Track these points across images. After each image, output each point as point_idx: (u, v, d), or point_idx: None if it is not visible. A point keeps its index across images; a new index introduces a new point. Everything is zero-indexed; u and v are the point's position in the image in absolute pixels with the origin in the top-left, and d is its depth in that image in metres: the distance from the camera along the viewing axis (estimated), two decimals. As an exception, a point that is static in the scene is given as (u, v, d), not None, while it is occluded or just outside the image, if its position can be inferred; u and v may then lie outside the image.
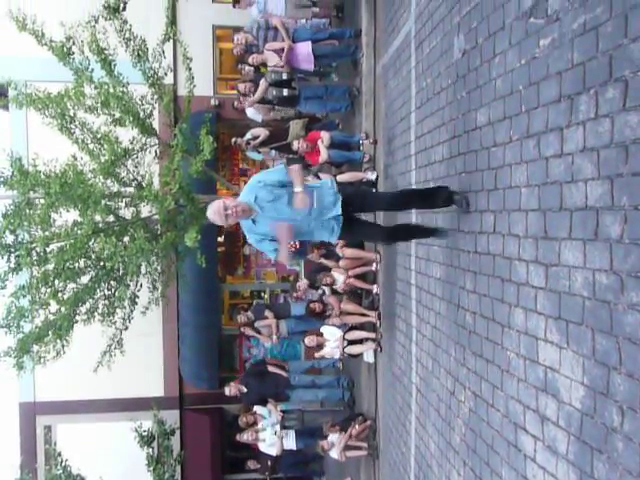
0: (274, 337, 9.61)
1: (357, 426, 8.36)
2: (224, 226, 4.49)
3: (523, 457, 3.51)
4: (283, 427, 9.01)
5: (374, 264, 8.29)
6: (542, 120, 3.29)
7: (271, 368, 9.04)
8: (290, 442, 8.84)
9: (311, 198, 4.30)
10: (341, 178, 8.08)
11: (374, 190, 6.93)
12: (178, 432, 12.58)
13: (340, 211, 4.42)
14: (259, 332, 9.88)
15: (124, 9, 7.60)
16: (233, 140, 9.50)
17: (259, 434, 8.84)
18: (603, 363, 2.74)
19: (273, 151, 9.13)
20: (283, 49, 8.33)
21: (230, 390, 8.89)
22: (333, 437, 8.36)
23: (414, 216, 5.94)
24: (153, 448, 11.63)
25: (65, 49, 7.47)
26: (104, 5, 7.47)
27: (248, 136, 8.94)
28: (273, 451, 8.83)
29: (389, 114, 7.35)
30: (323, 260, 8.57)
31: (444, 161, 5.03)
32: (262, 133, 8.81)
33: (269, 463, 9.32)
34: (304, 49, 8.46)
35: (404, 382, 6.58)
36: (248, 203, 4.28)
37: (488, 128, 4.05)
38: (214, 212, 4.18)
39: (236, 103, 9.44)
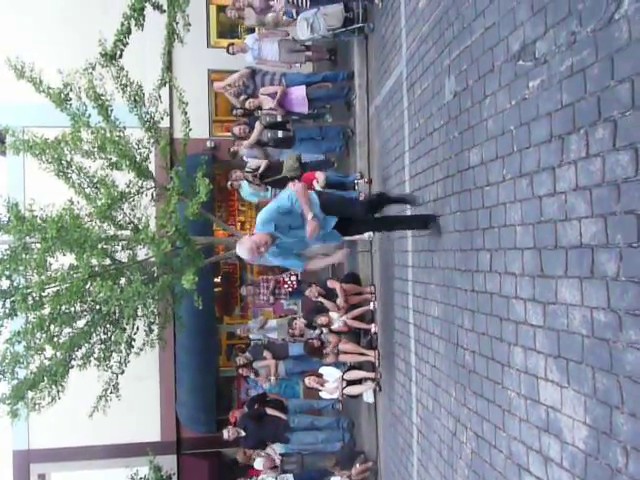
0: (272, 378, 9.51)
1: (358, 465, 8.23)
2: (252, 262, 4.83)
3: (528, 500, 3.45)
4: (282, 471, 8.84)
5: (371, 303, 8.27)
6: (534, 159, 3.33)
7: (270, 411, 8.91)
8: None
9: (320, 221, 4.79)
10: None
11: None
12: (175, 478, 12.31)
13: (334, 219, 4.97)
14: (257, 373, 9.79)
15: (121, 56, 7.73)
16: (229, 183, 9.58)
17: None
18: (605, 402, 2.71)
19: (269, 190, 9.20)
20: (277, 93, 8.48)
21: (228, 433, 8.75)
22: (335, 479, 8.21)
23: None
24: (150, 495, 11.37)
25: (62, 95, 7.56)
26: (101, 53, 7.59)
27: (248, 169, 9.04)
28: None
29: (383, 154, 7.44)
30: (321, 299, 8.54)
31: (439, 200, 5.07)
32: (262, 163, 8.91)
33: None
34: (298, 93, 8.60)
35: (405, 423, 6.49)
36: (271, 233, 4.68)
37: (481, 167, 4.09)
38: (248, 251, 4.56)
39: (232, 148, 9.55)
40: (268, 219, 4.71)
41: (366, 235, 7.99)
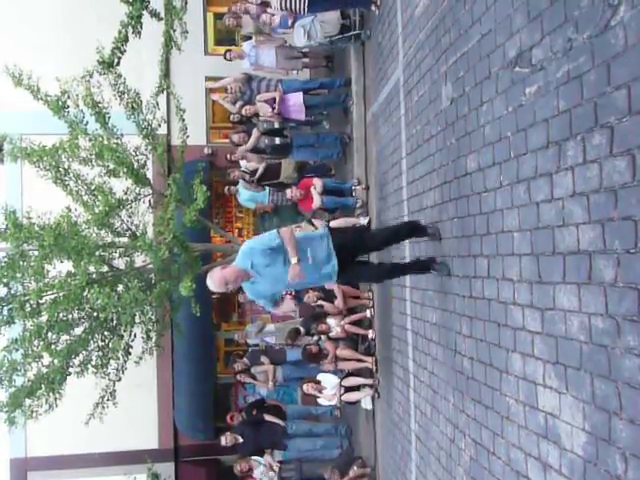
0: (270, 383, 9.49)
1: (355, 468, 8.20)
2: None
3: (527, 507, 3.44)
4: (281, 479, 8.81)
5: (368, 311, 8.27)
6: (531, 165, 3.34)
7: (268, 417, 8.89)
8: None
9: (303, 271, 4.45)
10: (334, 224, 8.13)
11: (364, 234, 6.76)
12: (173, 485, 12.26)
13: (336, 266, 4.63)
14: (255, 378, 9.77)
15: (118, 64, 7.74)
16: (226, 189, 9.58)
17: None
18: (603, 408, 2.71)
19: (266, 191, 9.19)
20: (274, 99, 8.50)
21: (226, 440, 8.72)
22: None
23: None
24: (148, 503, 11.31)
25: (60, 103, 7.57)
26: (99, 60, 7.60)
27: (245, 169, 9.04)
28: None
29: (380, 160, 7.45)
30: (320, 302, 8.52)
31: (436, 206, 5.07)
32: (260, 167, 8.91)
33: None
34: (296, 99, 8.62)
35: (403, 429, 6.47)
36: (245, 269, 4.46)
37: (478, 174, 4.10)
38: (215, 284, 4.37)
39: (229, 156, 9.56)
40: (247, 254, 4.50)
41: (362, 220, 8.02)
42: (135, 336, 8.37)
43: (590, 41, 2.78)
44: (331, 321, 8.27)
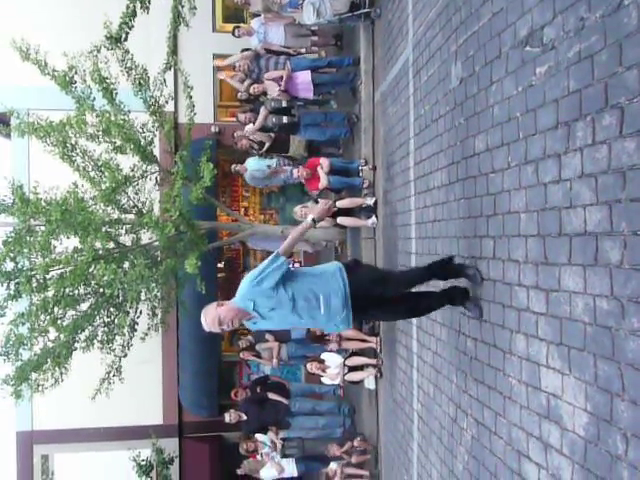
0: (274, 360, 9.56)
1: (356, 442, 8.30)
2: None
3: (527, 486, 3.47)
4: (284, 455, 8.91)
5: None
6: (540, 146, 3.31)
7: (271, 395, 8.96)
8: (291, 468, 8.74)
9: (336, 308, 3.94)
10: (340, 204, 8.13)
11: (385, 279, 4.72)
12: (177, 461, 12.43)
13: (350, 315, 4.01)
14: (259, 356, 9.84)
15: (126, 39, 7.70)
16: (233, 167, 9.56)
17: (259, 464, 8.75)
18: (606, 390, 2.72)
19: (274, 159, 9.16)
20: (282, 77, 8.44)
21: (230, 417, 8.80)
22: (334, 464, 8.28)
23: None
24: (152, 478, 11.47)
25: (67, 78, 7.54)
26: (106, 35, 7.56)
27: (253, 138, 9.02)
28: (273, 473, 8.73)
29: (388, 140, 7.41)
30: None
31: (443, 187, 5.05)
32: (267, 140, 8.88)
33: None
34: (304, 78, 8.56)
35: (405, 409, 6.52)
36: (245, 309, 3.91)
37: (486, 154, 4.08)
38: (209, 324, 3.92)
39: (236, 134, 9.52)
40: (247, 293, 3.89)
41: (369, 222, 7.99)
42: (141, 313, 8.43)
43: (602, 20, 2.74)
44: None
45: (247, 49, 9.04)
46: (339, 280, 3.97)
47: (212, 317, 3.89)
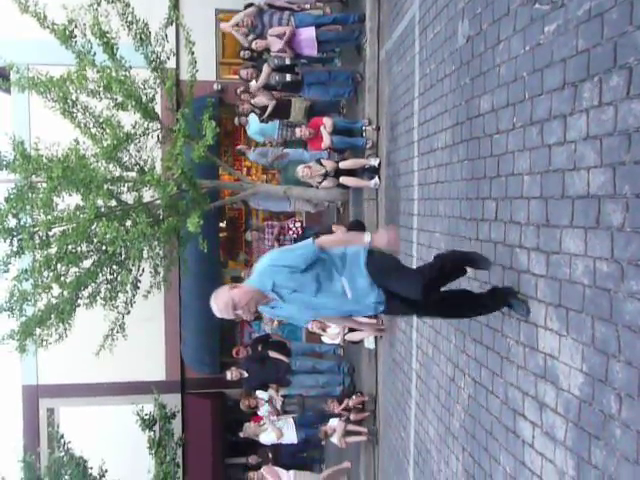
0: (275, 322, 9.65)
1: (355, 397, 8.46)
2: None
3: (521, 443, 3.54)
4: (284, 412, 9.07)
5: None
6: (546, 107, 3.27)
7: (272, 353, 9.08)
8: (291, 434, 8.89)
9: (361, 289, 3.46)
10: (344, 165, 8.08)
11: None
12: (179, 416, 12.68)
13: (382, 296, 3.51)
14: (260, 317, 9.93)
15: (126, -8, 7.54)
16: (236, 119, 9.49)
17: (259, 429, 8.93)
18: (602, 351, 2.75)
19: (277, 124, 9.09)
20: (285, 33, 8.29)
21: (231, 374, 8.94)
22: (334, 422, 8.43)
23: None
24: (155, 431, 11.73)
25: (67, 32, 7.41)
26: (107, -13, 7.41)
27: (255, 104, 8.95)
28: (273, 438, 8.90)
29: (392, 100, 7.32)
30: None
31: (447, 148, 5.01)
32: (270, 104, 8.78)
33: (269, 455, 9.39)
34: (308, 34, 8.40)
35: (404, 368, 6.61)
36: (263, 291, 3.43)
37: (491, 115, 4.03)
38: (220, 310, 3.38)
39: (238, 91, 9.41)
40: (267, 272, 3.43)
41: (372, 183, 7.96)
42: (143, 270, 8.48)
43: (614, -24, 2.67)
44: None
45: (250, 4, 8.85)
46: (361, 259, 3.50)
47: (225, 301, 3.35)
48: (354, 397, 8.52)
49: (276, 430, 8.80)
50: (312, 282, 3.42)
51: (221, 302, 3.36)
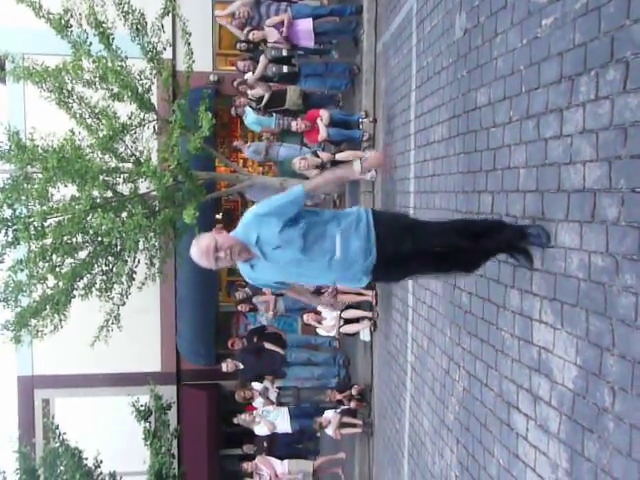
0: (270, 313, 9.65)
1: (355, 389, 8.52)
2: (211, 268, 3.33)
3: (515, 435, 3.56)
4: (279, 404, 9.10)
5: None
6: (542, 101, 3.27)
7: (268, 345, 9.09)
8: (285, 425, 8.92)
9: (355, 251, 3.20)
10: (340, 157, 8.07)
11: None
12: (175, 407, 12.70)
13: (373, 261, 3.26)
14: (256, 308, 9.93)
15: (122, -18, 7.48)
16: (233, 109, 9.46)
17: (255, 417, 8.95)
18: (596, 344, 2.76)
19: (273, 117, 9.06)
20: (283, 23, 8.25)
21: (227, 366, 8.95)
22: (329, 413, 8.46)
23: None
24: (150, 422, 11.73)
25: (63, 22, 7.35)
26: (102, -23, 7.35)
27: (251, 97, 8.91)
28: (265, 431, 8.92)
29: (389, 93, 7.31)
30: None
31: (443, 141, 5.01)
32: (267, 90, 8.75)
33: (265, 444, 9.42)
34: (305, 25, 8.37)
35: (399, 361, 6.63)
36: (246, 242, 3.25)
37: (488, 108, 4.03)
38: (201, 252, 3.17)
39: (235, 83, 9.38)
40: (252, 223, 3.25)
41: (368, 175, 7.95)
42: (139, 262, 8.46)
43: (612, -30, 2.67)
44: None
45: None
46: (364, 221, 3.28)
47: (207, 243, 3.17)
48: (356, 387, 8.59)
49: (268, 424, 8.83)
50: (299, 238, 3.22)
51: (203, 244, 3.18)
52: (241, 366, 8.97)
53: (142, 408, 11.70)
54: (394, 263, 3.33)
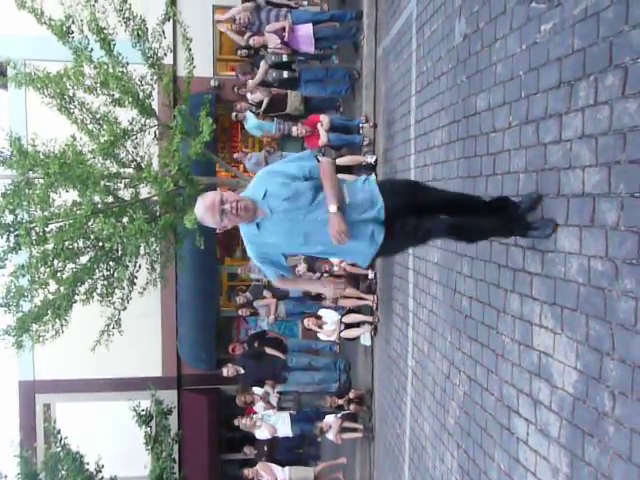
0: (272, 317, 9.65)
1: (352, 393, 8.50)
2: (217, 229, 3.23)
3: (516, 440, 3.56)
4: (280, 408, 9.09)
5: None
6: (541, 106, 3.29)
7: (269, 350, 9.09)
8: (285, 429, 8.91)
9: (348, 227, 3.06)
10: (340, 161, 8.08)
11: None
12: (176, 412, 12.69)
13: (382, 213, 3.19)
14: (257, 312, 9.93)
15: (124, -12, 7.52)
16: (233, 114, 9.49)
17: (256, 421, 8.94)
18: (596, 349, 2.77)
19: (274, 122, 9.09)
20: (284, 29, 8.28)
21: (228, 371, 8.95)
22: (330, 418, 8.46)
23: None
24: (151, 427, 11.72)
25: (64, 28, 7.40)
26: (103, -16, 7.39)
27: (252, 101, 8.93)
28: (266, 434, 8.91)
29: (389, 97, 7.33)
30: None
31: (443, 146, 5.03)
32: (265, 98, 8.78)
33: (265, 448, 9.40)
34: (305, 31, 8.40)
35: (400, 365, 6.63)
36: (253, 199, 3.16)
37: (487, 113, 4.04)
38: (205, 206, 3.09)
39: (236, 89, 9.41)
40: (262, 179, 3.23)
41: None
42: (140, 267, 8.48)
43: (610, -24, 2.68)
44: (334, 259, 8.34)
45: (248, 0, 8.84)
46: (368, 180, 3.30)
47: (212, 197, 3.09)
48: (353, 391, 8.60)
49: (269, 427, 8.82)
50: (309, 190, 3.15)
51: (209, 199, 3.10)
52: (242, 371, 8.96)
53: (143, 413, 11.69)
54: (403, 213, 3.24)
